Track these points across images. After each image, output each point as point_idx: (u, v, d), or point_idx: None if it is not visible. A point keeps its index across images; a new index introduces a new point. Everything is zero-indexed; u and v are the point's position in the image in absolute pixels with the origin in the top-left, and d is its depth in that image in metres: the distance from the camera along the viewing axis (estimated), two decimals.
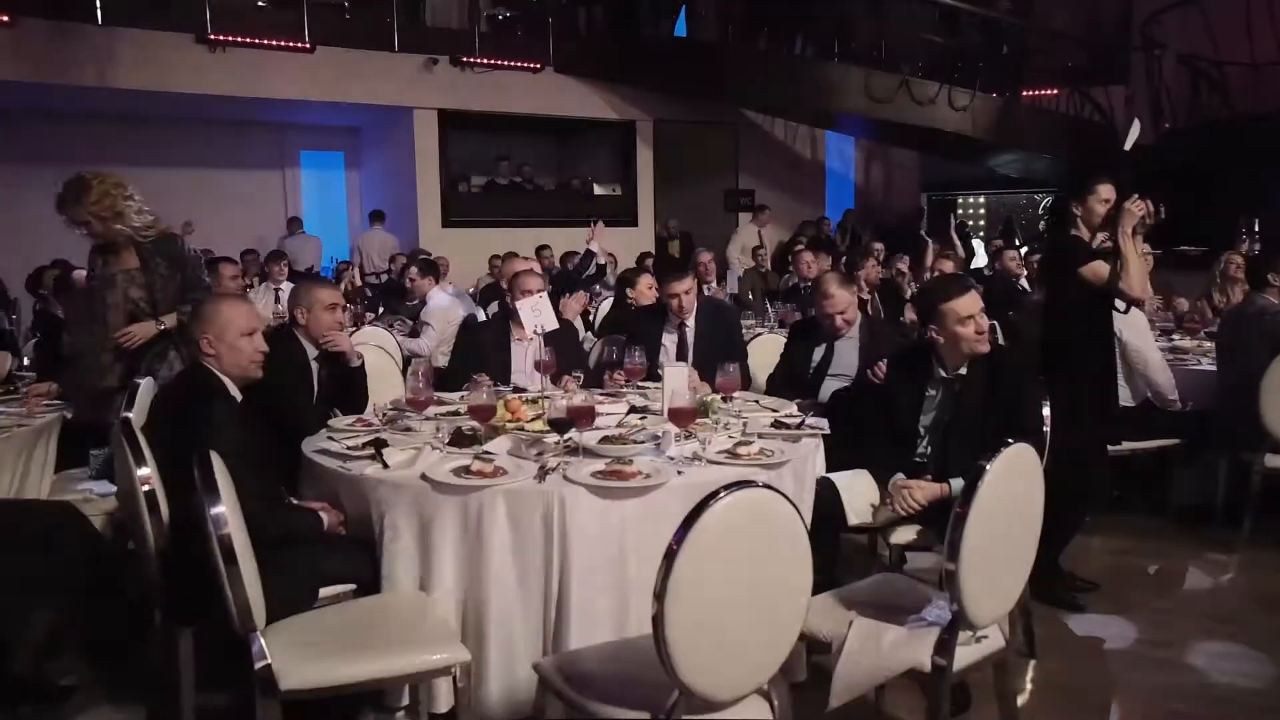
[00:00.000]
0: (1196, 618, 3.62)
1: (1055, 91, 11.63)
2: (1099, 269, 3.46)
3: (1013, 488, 2.29)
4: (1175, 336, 5.43)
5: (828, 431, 3.25)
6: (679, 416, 2.86)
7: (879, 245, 9.91)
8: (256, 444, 2.70)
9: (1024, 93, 11.49)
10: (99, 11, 8.68)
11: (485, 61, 10.83)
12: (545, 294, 3.98)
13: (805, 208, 13.23)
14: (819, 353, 4.12)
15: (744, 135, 13.17)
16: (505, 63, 10.98)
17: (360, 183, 12.73)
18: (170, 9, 9.11)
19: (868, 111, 10.49)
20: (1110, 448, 4.38)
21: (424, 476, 2.69)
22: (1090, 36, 12.18)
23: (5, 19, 8.29)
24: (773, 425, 3.31)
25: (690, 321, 4.36)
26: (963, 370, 3.21)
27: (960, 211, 18.27)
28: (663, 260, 11.54)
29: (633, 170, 12.35)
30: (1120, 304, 3.61)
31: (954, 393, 3.22)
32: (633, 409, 3.52)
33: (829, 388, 4.03)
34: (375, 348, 4.78)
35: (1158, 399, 4.49)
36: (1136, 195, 3.46)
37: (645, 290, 5.35)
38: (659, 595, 1.86)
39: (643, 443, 3.00)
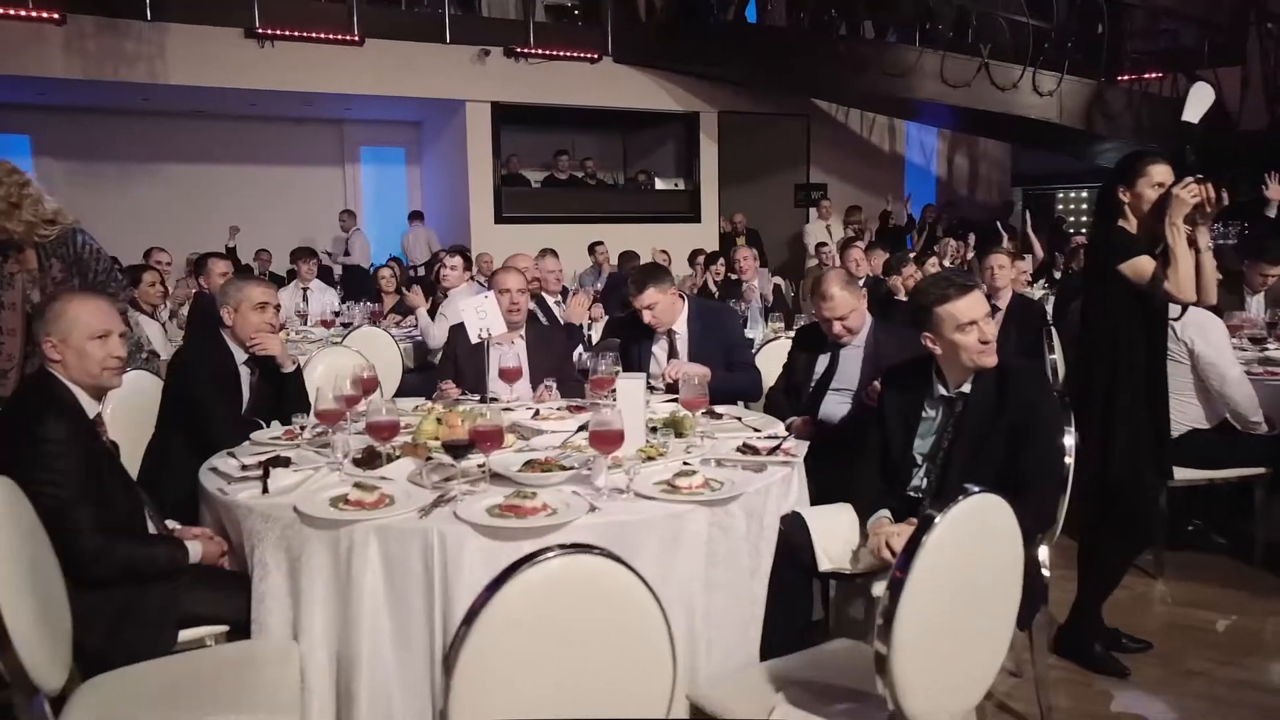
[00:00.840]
0: (1269, 693, 2.96)
1: (1160, 75, 10.62)
2: (1141, 266, 2.84)
3: (973, 550, 1.76)
4: (1270, 345, 4.66)
5: (797, 459, 2.74)
6: (601, 441, 2.40)
7: (953, 241, 9.24)
8: (105, 465, 2.35)
9: (1122, 76, 10.53)
10: (147, 8, 8.67)
11: (540, 52, 10.50)
12: (491, 295, 3.55)
13: (882, 203, 12.51)
14: (822, 363, 3.59)
15: (816, 127, 12.53)
16: (561, 53, 10.63)
17: (421, 178, 12.59)
18: (218, 4, 9.05)
19: (941, 97, 9.76)
20: (1183, 475, 3.73)
21: (295, 507, 2.31)
22: (1200, 13, 11.09)
23: (56, 17, 8.32)
24: (740, 449, 2.82)
25: (680, 328, 3.88)
26: (965, 387, 2.66)
27: (1060, 207, 17.15)
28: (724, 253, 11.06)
29: (696, 164, 11.84)
30: (1175, 309, 2.98)
31: (954, 414, 2.67)
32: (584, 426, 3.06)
33: (831, 403, 3.49)
34: (355, 353, 4.44)
35: (1238, 420, 3.80)
36: (1190, 179, 2.82)
37: None
38: (448, 667, 1.43)
39: (571, 469, 2.56)
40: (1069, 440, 2.64)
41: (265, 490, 2.45)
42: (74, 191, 10.70)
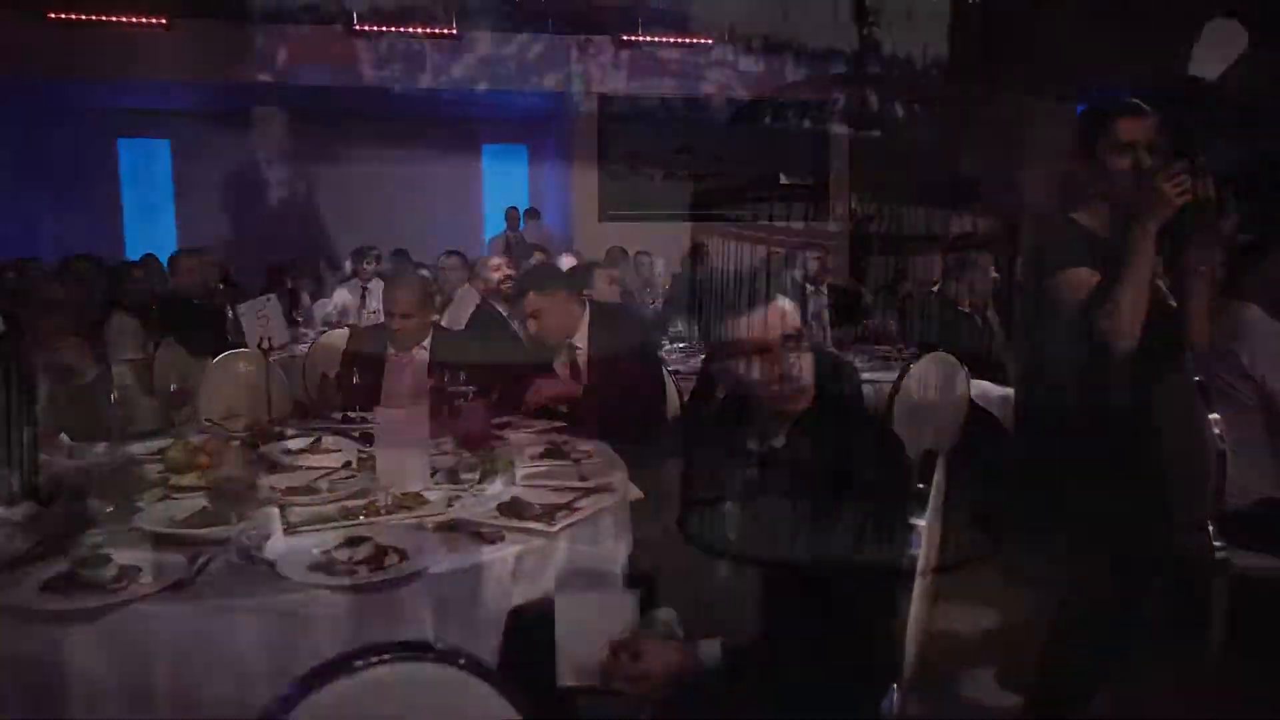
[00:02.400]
0: None
1: None
2: (1078, 279, 1.87)
3: None
4: None
5: (553, 530, 2.01)
6: (217, 498, 1.80)
7: None
8: None
9: None
10: (248, 8, 8.80)
11: (650, 39, 9.90)
12: (274, 299, 2.97)
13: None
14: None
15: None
16: (673, 39, 9.97)
17: (542, 176, 12.30)
18: (316, 1, 9.07)
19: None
20: (1252, 562, 2.67)
21: None
22: None
23: (164, 22, 8.58)
24: (500, 506, 2.13)
25: (579, 341, 3.19)
26: (779, 440, 1.85)
27: None
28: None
29: (825, 156, 10.84)
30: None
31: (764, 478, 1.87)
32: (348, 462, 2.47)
33: None
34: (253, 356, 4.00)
35: None
36: (1177, 165, 1.80)
37: (605, 289, 4.17)
38: None
39: (235, 524, 1.96)
40: (918, 520, 1.76)
41: None
42: (213, 194, 11.22)
